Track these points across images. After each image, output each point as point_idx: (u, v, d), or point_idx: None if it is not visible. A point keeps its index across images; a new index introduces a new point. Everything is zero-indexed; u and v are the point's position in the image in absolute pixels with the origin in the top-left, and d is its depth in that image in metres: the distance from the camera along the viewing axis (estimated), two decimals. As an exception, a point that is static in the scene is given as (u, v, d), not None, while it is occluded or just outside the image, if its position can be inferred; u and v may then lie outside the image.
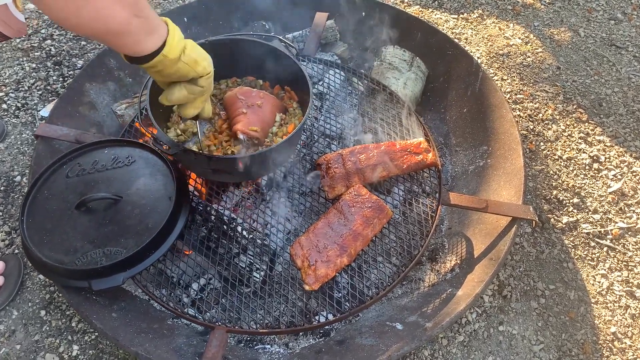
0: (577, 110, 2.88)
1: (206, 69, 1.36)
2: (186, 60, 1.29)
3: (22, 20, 1.95)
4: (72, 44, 3.14)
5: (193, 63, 1.32)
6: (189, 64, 1.31)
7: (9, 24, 1.92)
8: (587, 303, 2.16)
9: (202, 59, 1.35)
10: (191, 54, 1.30)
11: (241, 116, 1.87)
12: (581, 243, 2.34)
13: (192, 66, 1.32)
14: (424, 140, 2.12)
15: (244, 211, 2.05)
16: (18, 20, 1.94)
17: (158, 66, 1.26)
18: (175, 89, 1.39)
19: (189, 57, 1.30)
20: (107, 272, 1.64)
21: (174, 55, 1.25)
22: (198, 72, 1.35)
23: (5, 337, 2.00)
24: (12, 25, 1.93)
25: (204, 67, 1.35)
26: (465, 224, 2.21)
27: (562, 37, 3.33)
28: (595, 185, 2.54)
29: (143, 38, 1.17)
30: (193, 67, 1.33)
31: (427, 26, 2.74)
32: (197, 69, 1.34)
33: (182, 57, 1.28)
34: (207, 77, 1.39)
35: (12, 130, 2.67)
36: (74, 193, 1.80)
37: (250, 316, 1.84)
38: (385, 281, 1.92)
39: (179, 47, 1.26)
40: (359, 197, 1.94)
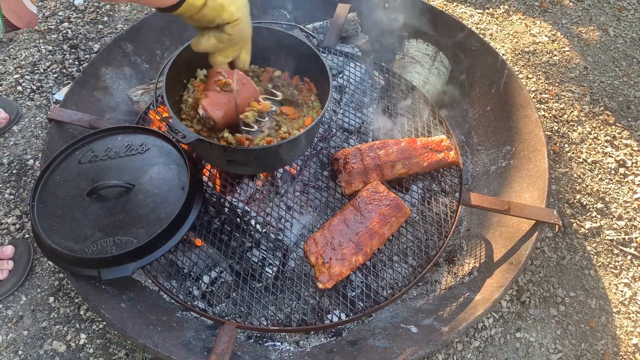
0: (604, 112, 2.79)
1: (233, 15, 1.26)
2: (212, 5, 1.21)
3: (33, 11, 1.92)
4: (89, 27, 3.11)
5: (219, 8, 1.23)
6: (215, 9, 1.23)
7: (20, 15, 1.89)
8: (609, 312, 2.09)
9: (230, 3, 1.25)
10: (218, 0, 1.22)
11: (212, 92, 1.81)
12: (604, 250, 2.26)
13: (218, 11, 1.24)
14: (445, 138, 2.05)
15: (257, 204, 2.00)
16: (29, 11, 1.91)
17: (186, 13, 1.21)
18: (204, 37, 1.32)
19: (215, 2, 1.22)
20: (117, 262, 1.61)
21: (199, 2, 1.19)
22: (224, 18, 1.26)
23: (13, 322, 1.98)
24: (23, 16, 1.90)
25: (230, 13, 1.25)
26: (485, 225, 2.14)
27: (591, 36, 3.22)
28: (621, 190, 2.46)
29: None
30: (219, 12, 1.24)
31: (451, 20, 2.66)
32: (222, 14, 1.25)
33: (209, 2, 1.20)
34: (235, 25, 1.29)
35: (27, 113, 2.65)
36: (85, 180, 1.77)
37: (261, 312, 1.79)
38: (400, 282, 1.87)
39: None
40: (376, 194, 1.88)
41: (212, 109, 1.77)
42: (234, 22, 1.28)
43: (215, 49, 1.36)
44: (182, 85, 1.93)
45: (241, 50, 1.42)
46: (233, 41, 1.34)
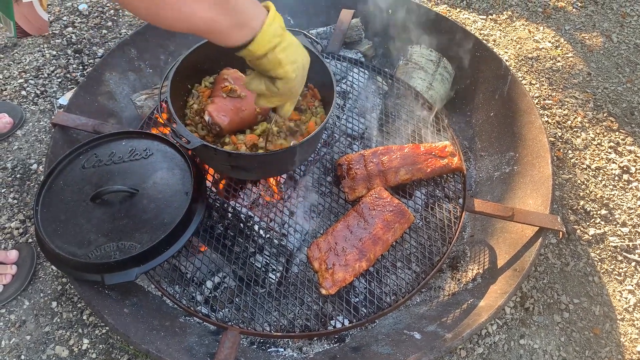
0: (608, 118, 2.78)
1: (288, 73, 1.27)
2: (271, 58, 1.23)
3: (45, 18, 1.93)
4: (93, 32, 3.12)
5: (276, 64, 1.25)
6: (271, 63, 1.24)
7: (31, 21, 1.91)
8: (613, 319, 2.08)
9: (289, 62, 1.26)
10: (279, 54, 1.23)
11: (218, 98, 1.81)
12: (608, 257, 2.26)
13: (273, 66, 1.25)
14: (449, 144, 2.05)
15: (261, 209, 2.00)
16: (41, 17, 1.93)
17: (245, 57, 1.23)
18: (255, 80, 1.34)
19: (275, 57, 1.23)
20: (121, 267, 1.61)
21: (259, 52, 1.20)
22: (278, 74, 1.28)
23: (16, 327, 1.97)
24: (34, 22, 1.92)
25: (285, 71, 1.27)
26: (488, 232, 2.14)
27: (594, 42, 3.22)
28: (625, 197, 2.45)
29: (230, 34, 1.14)
30: (275, 67, 1.26)
31: (455, 26, 2.66)
32: (278, 70, 1.26)
33: (268, 55, 1.22)
34: (285, 82, 1.30)
35: (31, 117, 2.65)
36: (89, 184, 1.77)
37: (264, 317, 1.79)
38: (404, 288, 1.86)
39: (268, 44, 1.20)
40: (380, 200, 1.88)
41: (219, 115, 1.77)
42: (287, 79, 1.30)
43: (262, 94, 1.37)
44: (186, 90, 1.93)
45: (287, 101, 1.43)
46: (280, 94, 1.35)
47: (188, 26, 1.08)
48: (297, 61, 1.30)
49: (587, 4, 3.51)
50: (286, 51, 1.25)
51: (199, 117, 1.89)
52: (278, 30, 1.21)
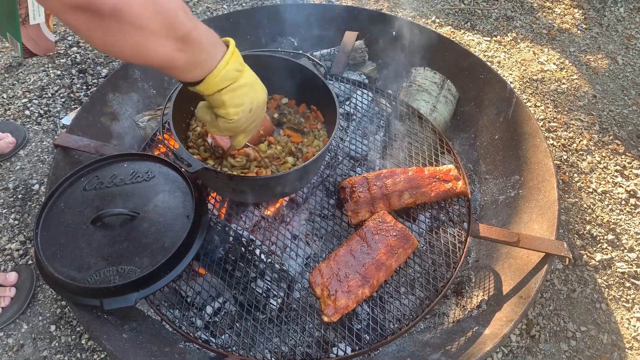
0: (614, 141, 2.76)
1: (229, 115, 1.30)
2: (217, 98, 1.25)
3: (51, 39, 1.95)
4: (97, 52, 3.13)
5: (220, 104, 1.28)
6: (216, 101, 1.27)
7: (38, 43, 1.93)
8: (621, 348, 2.03)
9: (233, 105, 1.29)
10: (223, 96, 1.25)
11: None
12: (615, 283, 2.22)
13: (217, 104, 1.28)
14: (453, 167, 2.03)
15: (262, 233, 1.98)
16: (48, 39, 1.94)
17: (194, 90, 1.25)
18: (203, 110, 1.38)
19: (220, 97, 1.25)
20: (120, 292, 1.58)
21: (207, 92, 1.23)
22: (220, 113, 1.31)
23: (14, 351, 1.95)
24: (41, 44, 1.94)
25: (227, 112, 1.30)
26: (493, 257, 2.10)
27: (599, 65, 3.22)
28: (632, 221, 2.42)
29: (184, 72, 1.16)
30: (218, 106, 1.29)
31: (459, 48, 2.66)
32: (220, 110, 1.30)
33: (215, 95, 1.24)
34: (225, 122, 1.33)
35: (34, 137, 2.65)
36: (90, 207, 1.76)
37: (265, 344, 1.76)
38: (407, 314, 1.83)
39: (215, 88, 1.22)
40: (383, 225, 1.85)
41: (222, 137, 1.76)
42: (226, 120, 1.33)
43: (210, 125, 1.40)
44: (189, 112, 1.92)
45: (237, 136, 1.44)
46: (223, 129, 1.38)
47: (146, 61, 1.08)
48: (244, 104, 1.31)
49: (591, 26, 3.51)
50: (233, 93, 1.27)
51: (201, 139, 1.88)
52: (230, 73, 1.22)
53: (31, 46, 1.92)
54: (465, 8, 3.67)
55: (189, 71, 1.16)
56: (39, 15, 1.92)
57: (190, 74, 1.17)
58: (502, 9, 3.65)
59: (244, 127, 1.40)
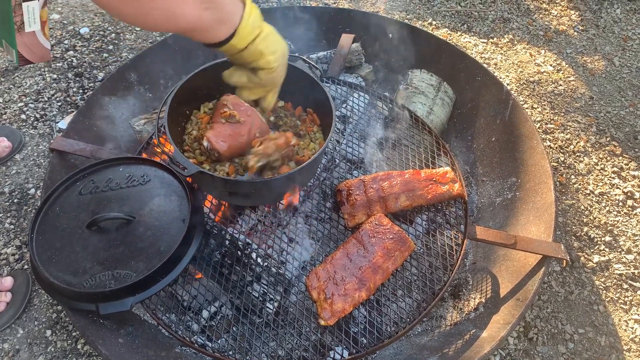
0: (611, 142, 2.76)
1: (269, 63, 1.32)
2: (252, 49, 1.27)
3: (47, 47, 1.95)
4: (94, 55, 3.13)
5: (258, 55, 1.29)
6: (253, 54, 1.28)
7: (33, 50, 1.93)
8: (619, 350, 2.03)
9: (270, 52, 1.31)
10: (259, 45, 1.27)
11: (217, 124, 1.80)
12: (613, 285, 2.21)
13: (255, 57, 1.30)
14: (450, 170, 2.02)
15: (259, 236, 1.97)
16: (43, 47, 1.94)
17: (227, 52, 1.27)
18: (237, 73, 1.39)
19: (256, 48, 1.27)
20: (116, 296, 1.58)
21: (241, 45, 1.24)
22: (259, 64, 1.32)
23: (9, 356, 1.94)
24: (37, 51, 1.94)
25: (267, 61, 1.32)
26: (491, 259, 2.10)
27: (596, 66, 3.22)
28: (629, 223, 2.41)
29: (213, 30, 1.18)
30: (256, 58, 1.30)
31: (455, 50, 2.66)
32: (259, 61, 1.31)
33: (250, 46, 1.26)
34: (268, 72, 1.35)
35: (30, 141, 2.65)
36: (86, 211, 1.75)
37: (261, 348, 1.75)
38: (404, 317, 1.82)
39: (249, 36, 1.24)
40: (380, 227, 1.85)
41: (217, 140, 1.76)
42: (269, 69, 1.34)
43: (245, 86, 1.41)
44: (184, 116, 1.92)
45: (269, 92, 1.45)
46: (263, 85, 1.39)
47: (175, 25, 1.10)
48: (278, 50, 1.34)
49: (588, 28, 3.52)
50: (266, 41, 1.29)
51: (197, 143, 1.87)
52: (257, 21, 1.25)
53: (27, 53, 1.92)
54: (462, 10, 3.67)
55: (216, 29, 1.18)
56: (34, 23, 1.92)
57: (218, 32, 1.19)
58: (498, 11, 3.65)
59: (279, 78, 1.42)
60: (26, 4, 1.86)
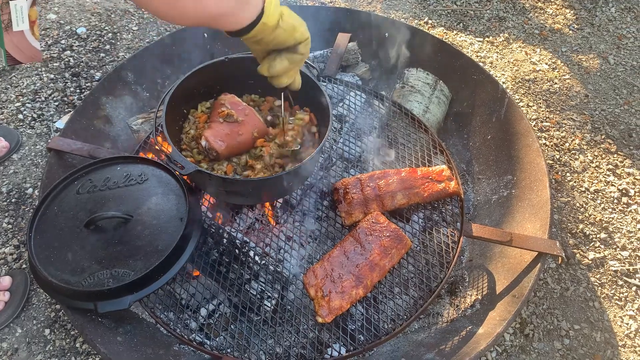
0: (606, 140, 2.78)
1: (304, 34, 1.33)
2: (284, 26, 1.27)
3: (37, 47, 1.95)
4: (91, 55, 3.13)
5: (291, 29, 1.29)
6: (287, 30, 1.28)
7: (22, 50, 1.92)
8: (614, 346, 2.05)
9: (300, 24, 1.32)
10: (289, 20, 1.28)
11: (215, 123, 1.81)
12: (608, 281, 2.23)
13: (290, 32, 1.29)
14: (446, 168, 2.04)
15: (257, 235, 1.98)
16: (33, 47, 1.94)
17: (258, 35, 1.25)
18: (277, 60, 1.36)
19: (287, 23, 1.27)
20: (114, 294, 1.58)
21: (273, 22, 1.24)
22: (296, 38, 1.32)
23: (8, 355, 1.94)
24: (26, 51, 1.93)
25: (301, 33, 1.32)
26: (487, 256, 2.11)
27: (591, 64, 3.23)
28: (624, 220, 2.43)
29: (240, 12, 1.18)
30: (291, 33, 1.30)
31: (451, 49, 2.68)
32: (295, 35, 1.31)
33: (280, 23, 1.26)
34: (306, 44, 1.36)
35: (27, 141, 2.65)
36: (83, 210, 1.76)
37: (259, 346, 1.76)
38: (402, 314, 1.84)
39: (276, 13, 1.24)
40: (377, 225, 1.86)
41: (215, 140, 1.77)
42: (306, 41, 1.35)
43: (286, 71, 1.40)
44: (182, 115, 1.93)
45: (297, 72, 1.46)
46: (302, 60, 1.40)
47: (204, 12, 1.10)
48: (302, 22, 1.35)
49: (583, 26, 3.53)
50: (292, 15, 1.30)
51: (195, 142, 1.88)
52: (277, 1, 1.25)
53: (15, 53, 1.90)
54: (458, 9, 3.69)
55: (245, 10, 1.17)
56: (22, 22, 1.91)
57: (246, 13, 1.18)
58: (494, 10, 3.67)
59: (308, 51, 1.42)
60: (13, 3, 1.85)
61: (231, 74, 1.94)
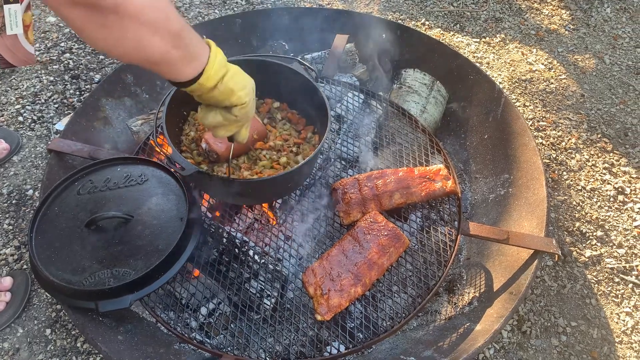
0: (602, 139, 2.80)
1: (241, 99, 1.33)
2: (222, 89, 1.27)
3: (30, 51, 1.96)
4: (90, 57, 3.15)
5: (229, 92, 1.29)
6: (224, 93, 1.29)
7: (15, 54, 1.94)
8: (611, 342, 2.07)
9: (240, 88, 1.31)
10: (228, 83, 1.28)
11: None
12: (605, 278, 2.25)
13: (227, 95, 1.30)
14: (443, 167, 2.06)
15: (256, 234, 2.00)
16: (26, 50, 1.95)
17: (196, 91, 1.26)
18: (210, 114, 1.37)
19: (226, 86, 1.27)
20: (115, 294, 1.60)
21: (210, 84, 1.24)
22: (232, 102, 1.32)
23: (9, 355, 1.96)
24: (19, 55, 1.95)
25: (238, 97, 1.32)
26: (484, 254, 2.13)
27: (587, 64, 3.26)
28: (620, 218, 2.45)
29: (181, 67, 1.17)
30: (228, 96, 1.30)
31: (448, 50, 2.70)
32: (231, 98, 1.31)
33: (219, 86, 1.26)
34: (241, 108, 1.35)
35: (27, 143, 2.66)
36: (84, 211, 1.77)
37: (259, 344, 1.78)
38: (400, 312, 1.85)
39: (217, 76, 1.24)
40: (375, 224, 1.88)
41: (215, 142, 1.78)
42: (242, 105, 1.34)
43: (220, 125, 1.40)
44: (182, 117, 1.94)
45: (242, 127, 1.46)
46: (238, 120, 1.39)
47: (144, 56, 1.10)
48: (247, 86, 1.35)
49: (579, 27, 3.56)
50: (234, 78, 1.30)
51: (194, 144, 1.90)
52: (222, 61, 1.26)
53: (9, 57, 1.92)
54: (454, 10, 3.71)
55: (185, 65, 1.18)
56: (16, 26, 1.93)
57: (187, 69, 1.19)
58: (490, 11, 3.69)
59: (251, 112, 1.43)
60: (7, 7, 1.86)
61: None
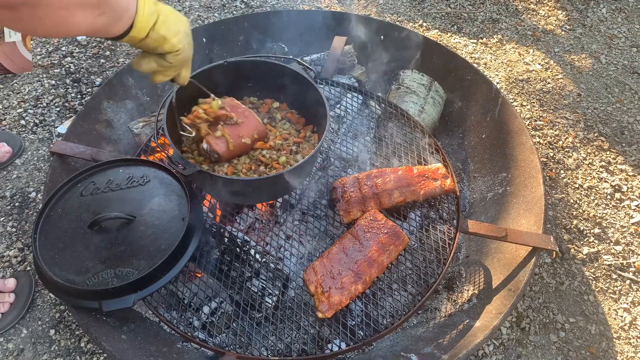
0: (599, 138, 2.83)
1: (175, 46, 1.32)
2: (154, 36, 1.26)
3: (28, 57, 1.99)
4: (91, 61, 3.17)
5: (161, 40, 1.29)
6: (156, 41, 1.28)
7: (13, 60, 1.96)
8: (609, 338, 2.09)
9: (172, 35, 1.30)
10: (160, 30, 1.27)
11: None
12: (602, 275, 2.27)
13: (159, 43, 1.29)
14: (442, 166, 2.08)
15: (257, 234, 2.02)
16: (24, 57, 1.98)
17: (129, 42, 1.26)
18: (144, 60, 1.37)
19: (157, 33, 1.26)
20: (118, 293, 1.61)
21: (141, 35, 1.24)
22: (165, 49, 1.32)
23: (14, 355, 1.97)
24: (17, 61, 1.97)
25: (172, 45, 1.31)
26: (483, 252, 2.15)
27: (583, 64, 3.29)
28: (617, 215, 2.48)
29: (110, 28, 1.17)
30: (161, 44, 1.30)
31: (445, 50, 2.72)
32: (164, 46, 1.31)
33: (151, 34, 1.25)
34: (175, 54, 1.35)
35: (30, 146, 2.69)
36: (87, 212, 1.79)
37: (261, 342, 1.80)
38: (400, 310, 1.87)
39: (147, 26, 1.23)
40: (374, 223, 1.90)
41: (217, 142, 1.80)
42: (175, 52, 1.34)
43: (157, 71, 1.41)
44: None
45: (181, 69, 1.47)
46: (173, 66, 1.40)
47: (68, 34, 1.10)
48: (180, 31, 1.33)
49: (575, 27, 3.59)
50: (166, 24, 1.28)
51: (195, 144, 1.92)
52: (151, 8, 1.24)
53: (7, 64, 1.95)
54: (452, 12, 3.74)
55: (113, 26, 1.17)
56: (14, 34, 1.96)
57: (117, 27, 1.18)
58: (487, 12, 3.72)
59: (188, 56, 1.42)
60: None
61: (230, 76, 1.98)
